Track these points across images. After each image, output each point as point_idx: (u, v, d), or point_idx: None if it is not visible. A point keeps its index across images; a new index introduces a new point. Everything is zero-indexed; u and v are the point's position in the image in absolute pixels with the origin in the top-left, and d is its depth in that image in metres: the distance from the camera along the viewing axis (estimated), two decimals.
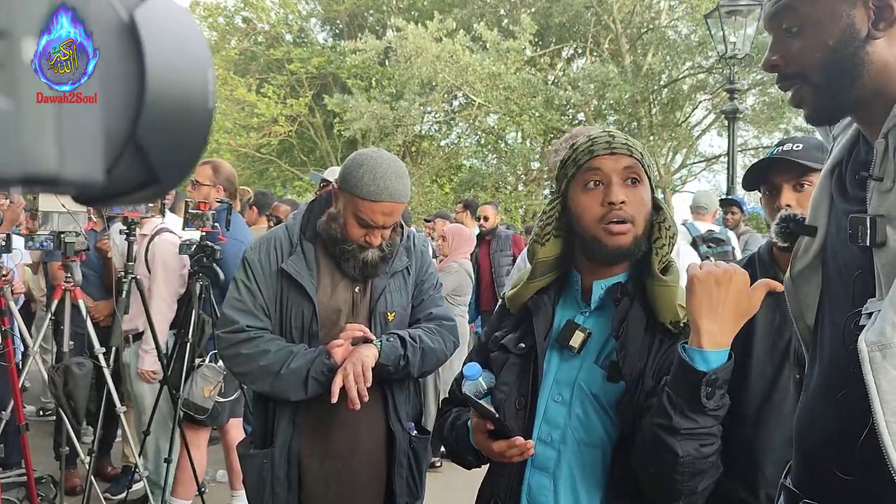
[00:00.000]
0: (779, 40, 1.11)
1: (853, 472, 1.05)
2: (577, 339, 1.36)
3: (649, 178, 1.39)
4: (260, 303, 1.99)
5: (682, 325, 1.34)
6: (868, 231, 1.01)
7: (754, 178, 1.77)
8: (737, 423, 1.71)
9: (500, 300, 1.58)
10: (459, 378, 1.51)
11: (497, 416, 1.31)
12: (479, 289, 6.15)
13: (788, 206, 1.67)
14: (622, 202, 1.32)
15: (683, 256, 2.17)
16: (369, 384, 1.85)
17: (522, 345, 1.43)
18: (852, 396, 1.01)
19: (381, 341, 1.94)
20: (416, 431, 2.12)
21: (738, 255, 3.59)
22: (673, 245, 1.40)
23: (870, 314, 1.01)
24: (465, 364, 1.47)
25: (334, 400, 1.82)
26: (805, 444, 1.21)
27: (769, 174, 1.72)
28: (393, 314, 2.05)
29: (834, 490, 1.10)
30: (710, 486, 1.25)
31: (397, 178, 1.90)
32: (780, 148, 1.73)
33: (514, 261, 5.87)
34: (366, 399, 1.84)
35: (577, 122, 17.37)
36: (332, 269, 2.02)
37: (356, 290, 2.03)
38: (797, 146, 1.70)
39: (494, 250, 6.29)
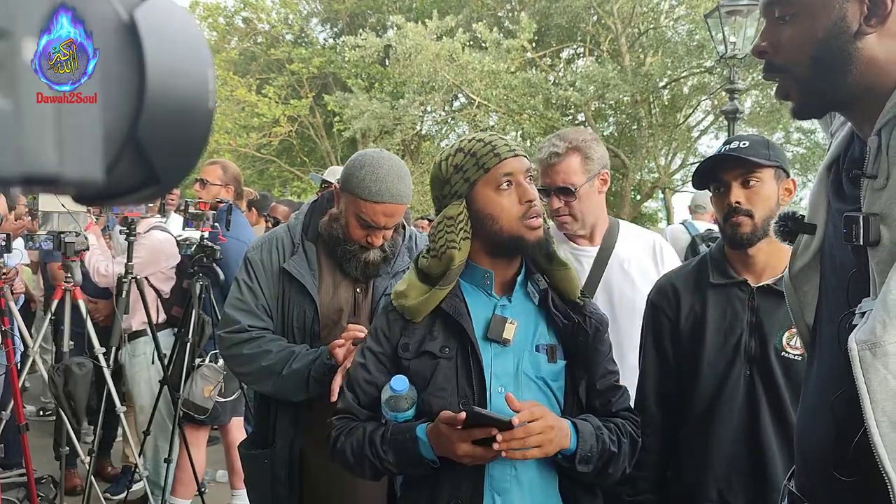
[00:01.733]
0: (771, 27, 1.10)
1: (850, 474, 1.04)
2: (509, 331, 1.44)
3: None
4: (262, 302, 1.99)
5: (583, 297, 1.54)
6: (861, 230, 1.00)
7: (703, 178, 1.79)
8: (688, 419, 1.75)
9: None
10: (376, 393, 1.49)
11: (508, 420, 1.30)
12: None
13: (738, 202, 1.69)
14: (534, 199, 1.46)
15: (668, 262, 2.15)
16: None
17: (447, 348, 1.45)
18: (848, 397, 1.00)
19: None
20: None
21: None
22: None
23: (863, 313, 1.00)
24: (392, 378, 1.44)
25: (333, 398, 1.82)
26: (804, 446, 1.21)
27: (718, 172, 1.74)
28: None
29: (833, 492, 1.10)
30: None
31: (399, 179, 1.90)
32: (728, 146, 1.75)
33: None
34: None
35: (577, 122, 17.38)
36: (334, 269, 2.03)
37: (358, 290, 2.03)
38: (744, 144, 1.73)
39: None
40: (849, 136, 1.17)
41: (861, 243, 1.01)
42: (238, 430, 3.60)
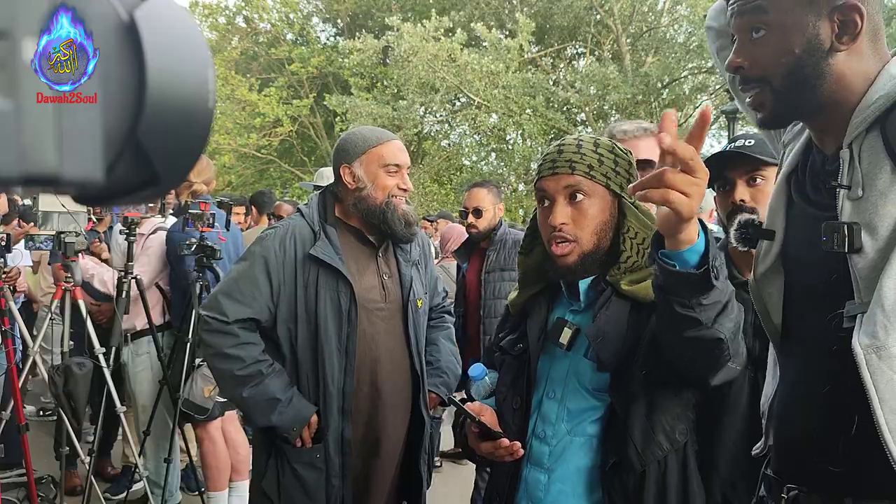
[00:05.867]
0: (744, 43, 1.15)
1: (841, 465, 1.10)
2: (565, 336, 1.39)
3: (608, 187, 1.36)
4: (263, 293, 1.98)
5: None
6: (846, 238, 1.06)
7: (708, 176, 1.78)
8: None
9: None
10: (467, 380, 1.55)
11: (478, 419, 1.35)
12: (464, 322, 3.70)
13: (743, 200, 1.69)
14: (562, 223, 1.34)
15: None
16: None
17: (520, 345, 1.48)
18: (835, 393, 1.06)
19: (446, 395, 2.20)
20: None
21: None
22: (645, 251, 1.35)
23: (852, 317, 1.06)
24: (471, 366, 1.51)
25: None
26: (786, 436, 1.26)
27: (723, 170, 1.74)
28: (421, 301, 2.15)
29: (816, 476, 1.16)
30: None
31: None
32: (734, 144, 1.75)
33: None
34: None
35: (578, 122, 17.37)
36: (357, 256, 2.06)
37: (384, 276, 2.07)
38: (749, 142, 1.72)
39: (492, 266, 3.58)
40: (805, 145, 1.23)
41: (845, 251, 1.06)
42: (231, 423, 3.59)
